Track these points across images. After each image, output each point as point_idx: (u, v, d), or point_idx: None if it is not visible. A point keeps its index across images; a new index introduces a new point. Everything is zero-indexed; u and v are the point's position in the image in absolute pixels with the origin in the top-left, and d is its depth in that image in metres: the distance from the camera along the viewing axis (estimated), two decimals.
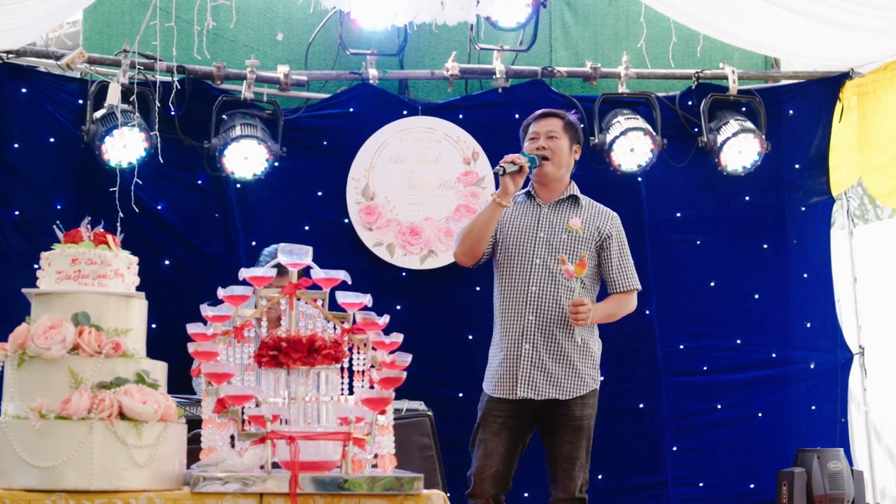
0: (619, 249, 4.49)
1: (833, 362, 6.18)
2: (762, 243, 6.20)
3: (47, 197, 5.51)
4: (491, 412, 4.42)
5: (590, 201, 4.60)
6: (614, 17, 6.34)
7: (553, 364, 4.34)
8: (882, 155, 5.90)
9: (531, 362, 4.35)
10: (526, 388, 4.34)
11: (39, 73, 5.59)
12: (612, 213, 4.58)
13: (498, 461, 4.36)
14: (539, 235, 4.44)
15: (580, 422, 4.36)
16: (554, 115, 4.57)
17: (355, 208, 5.88)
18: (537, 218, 4.49)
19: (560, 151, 4.49)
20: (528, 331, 4.38)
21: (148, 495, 2.92)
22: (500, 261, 4.53)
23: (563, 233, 4.43)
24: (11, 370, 3.04)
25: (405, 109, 6.00)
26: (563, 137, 4.52)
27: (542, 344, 4.35)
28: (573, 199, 4.53)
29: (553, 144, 4.48)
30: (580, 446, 4.35)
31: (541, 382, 4.34)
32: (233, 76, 5.75)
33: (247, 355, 3.22)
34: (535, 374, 4.34)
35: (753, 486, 6.02)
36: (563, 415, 4.35)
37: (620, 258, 4.49)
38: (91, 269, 3.12)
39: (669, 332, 6.07)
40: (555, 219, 4.47)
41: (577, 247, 4.41)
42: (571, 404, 4.35)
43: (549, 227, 4.46)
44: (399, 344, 3.26)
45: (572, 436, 4.34)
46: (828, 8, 5.17)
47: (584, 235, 4.42)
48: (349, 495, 2.98)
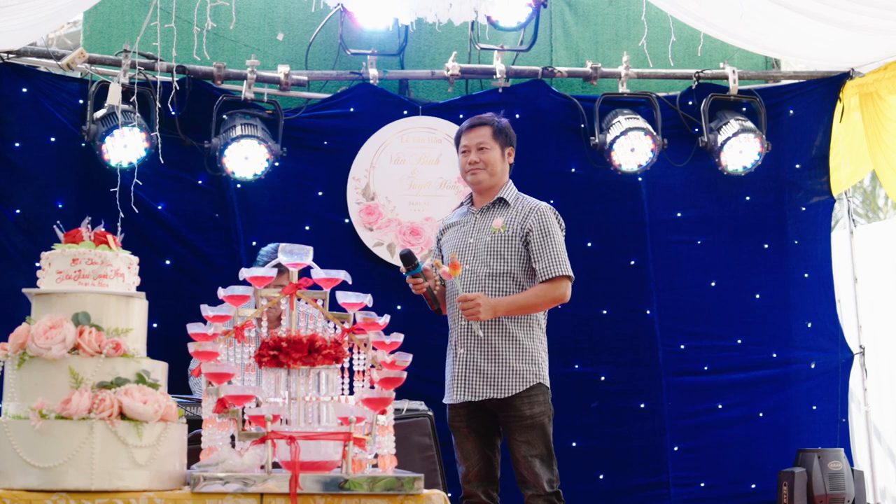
0: (540, 240, 4.41)
1: (834, 362, 6.18)
2: (763, 243, 6.20)
3: (48, 196, 5.51)
4: (453, 418, 4.47)
5: (521, 199, 4.53)
6: (615, 17, 6.35)
7: (488, 364, 4.35)
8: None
9: (466, 366, 4.38)
10: (464, 392, 4.37)
11: (40, 73, 5.59)
12: (539, 206, 4.50)
13: (477, 459, 4.40)
14: (468, 242, 4.47)
15: (531, 420, 4.33)
16: (482, 124, 4.54)
17: (356, 208, 5.88)
18: (470, 224, 4.53)
19: (492, 162, 4.49)
20: (462, 336, 4.41)
21: (148, 495, 2.91)
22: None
23: (487, 235, 4.44)
24: (12, 370, 3.04)
25: (406, 109, 6.00)
26: (494, 147, 4.51)
27: (475, 346, 4.37)
28: (501, 202, 4.52)
29: (485, 157, 4.48)
30: (535, 444, 4.32)
31: (477, 384, 4.36)
32: (233, 76, 5.76)
33: (247, 355, 3.22)
34: (471, 377, 4.37)
35: (754, 486, 6.02)
36: (513, 416, 4.35)
37: (542, 247, 4.40)
38: (91, 269, 3.12)
39: (670, 332, 6.07)
40: (482, 223, 4.49)
41: (500, 246, 4.42)
42: (518, 404, 4.33)
43: (477, 232, 4.48)
44: (399, 344, 3.27)
45: (526, 434, 4.33)
46: (828, 8, 5.17)
47: (508, 233, 4.42)
48: (349, 495, 2.98)
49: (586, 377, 5.99)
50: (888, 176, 5.94)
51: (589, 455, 5.95)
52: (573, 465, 5.84)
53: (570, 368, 5.95)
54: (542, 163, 6.00)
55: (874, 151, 5.96)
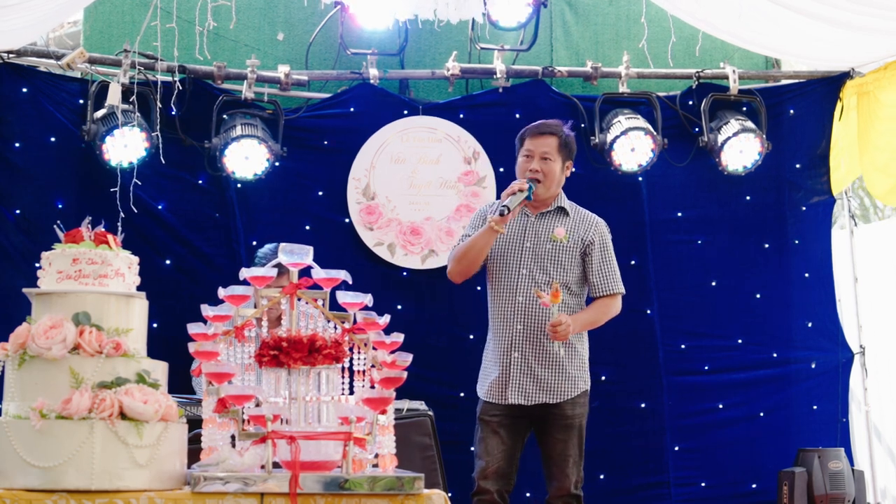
0: (600, 255, 4.51)
1: (834, 362, 6.18)
2: (763, 243, 6.20)
3: (48, 196, 5.51)
4: (486, 412, 4.48)
5: (577, 210, 4.61)
6: (615, 16, 6.34)
7: (543, 370, 4.39)
8: (883, 154, 5.91)
9: (520, 371, 4.41)
10: (517, 395, 4.40)
11: (40, 73, 5.59)
12: (597, 220, 4.59)
13: (499, 457, 4.40)
14: (525, 246, 4.48)
15: (571, 420, 4.41)
16: (551, 134, 4.53)
17: (356, 208, 5.88)
18: (524, 229, 4.52)
19: (552, 174, 4.50)
20: (517, 340, 4.43)
21: (149, 495, 2.92)
22: (491, 271, 4.57)
23: (547, 242, 4.46)
24: (12, 370, 3.04)
25: (406, 109, 6.00)
26: (557, 159, 4.51)
27: (530, 352, 4.41)
28: (560, 210, 4.55)
29: (546, 167, 4.49)
30: (572, 444, 4.41)
31: (531, 389, 4.39)
32: (233, 76, 5.75)
33: (247, 355, 3.22)
34: (524, 382, 4.40)
35: (755, 486, 6.01)
36: (555, 415, 4.41)
37: (602, 263, 4.51)
38: (92, 269, 3.12)
39: (671, 332, 6.07)
40: (541, 229, 4.50)
41: (562, 256, 4.44)
42: (563, 405, 4.41)
43: (535, 237, 4.49)
44: (400, 344, 3.27)
45: (564, 434, 4.40)
46: (828, 8, 5.16)
47: (569, 244, 4.46)
48: (350, 495, 2.98)
49: None
50: (871, 174, 5.96)
51: (589, 455, 5.87)
52: None
53: None
54: None
55: (862, 150, 5.98)
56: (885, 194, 6.02)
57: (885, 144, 5.85)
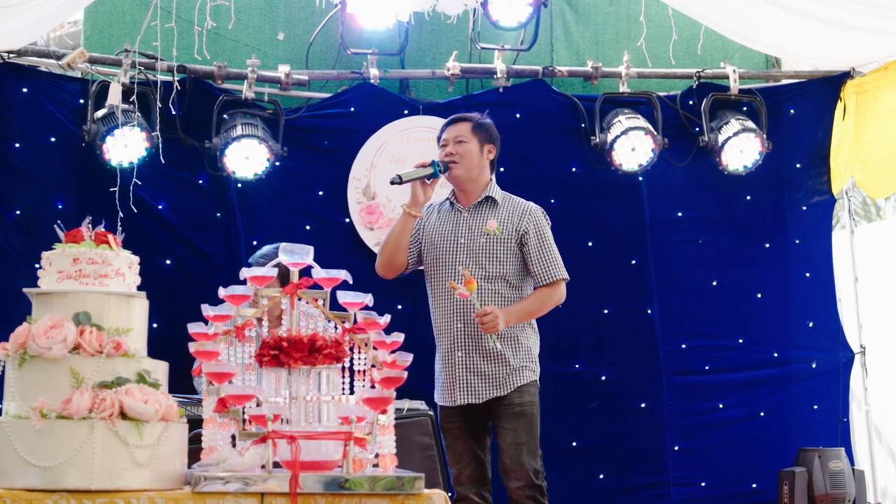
0: (538, 243, 4.40)
1: (834, 362, 6.18)
2: (763, 243, 6.20)
3: (48, 196, 5.51)
4: (446, 420, 4.46)
5: (509, 199, 4.51)
6: (615, 16, 6.34)
7: (488, 365, 4.33)
8: (876, 152, 5.92)
9: (466, 369, 4.35)
10: (466, 395, 4.35)
11: (40, 73, 5.59)
12: (530, 208, 4.48)
13: (468, 461, 4.40)
14: (459, 242, 4.43)
15: (520, 408, 4.33)
16: (462, 120, 4.53)
17: (356, 208, 5.88)
18: (457, 224, 4.47)
19: (468, 154, 4.45)
20: (459, 338, 4.37)
21: (149, 495, 2.91)
22: (427, 269, 4.52)
23: (481, 236, 4.41)
24: (12, 370, 3.04)
25: (406, 109, 6.00)
26: (472, 140, 4.47)
27: (473, 349, 4.35)
28: (490, 201, 4.49)
29: (461, 149, 4.45)
30: (522, 431, 4.30)
31: (478, 385, 4.34)
32: (234, 76, 5.75)
33: (248, 355, 3.22)
34: (471, 379, 4.35)
35: (755, 486, 6.02)
36: (503, 405, 4.34)
37: (540, 252, 4.40)
38: (92, 269, 3.12)
39: (671, 332, 6.07)
40: (473, 224, 4.45)
41: (497, 249, 4.38)
42: (510, 395, 4.34)
43: (469, 232, 4.44)
44: (400, 343, 3.26)
45: (513, 422, 4.32)
46: (829, 8, 5.16)
47: (503, 236, 4.40)
48: (350, 495, 2.98)
49: (586, 377, 5.99)
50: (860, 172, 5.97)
51: (589, 455, 5.95)
52: (573, 465, 5.85)
53: (570, 368, 5.95)
54: (542, 162, 6.00)
55: (857, 149, 5.98)
56: (875, 190, 6.07)
57: (879, 142, 5.87)
